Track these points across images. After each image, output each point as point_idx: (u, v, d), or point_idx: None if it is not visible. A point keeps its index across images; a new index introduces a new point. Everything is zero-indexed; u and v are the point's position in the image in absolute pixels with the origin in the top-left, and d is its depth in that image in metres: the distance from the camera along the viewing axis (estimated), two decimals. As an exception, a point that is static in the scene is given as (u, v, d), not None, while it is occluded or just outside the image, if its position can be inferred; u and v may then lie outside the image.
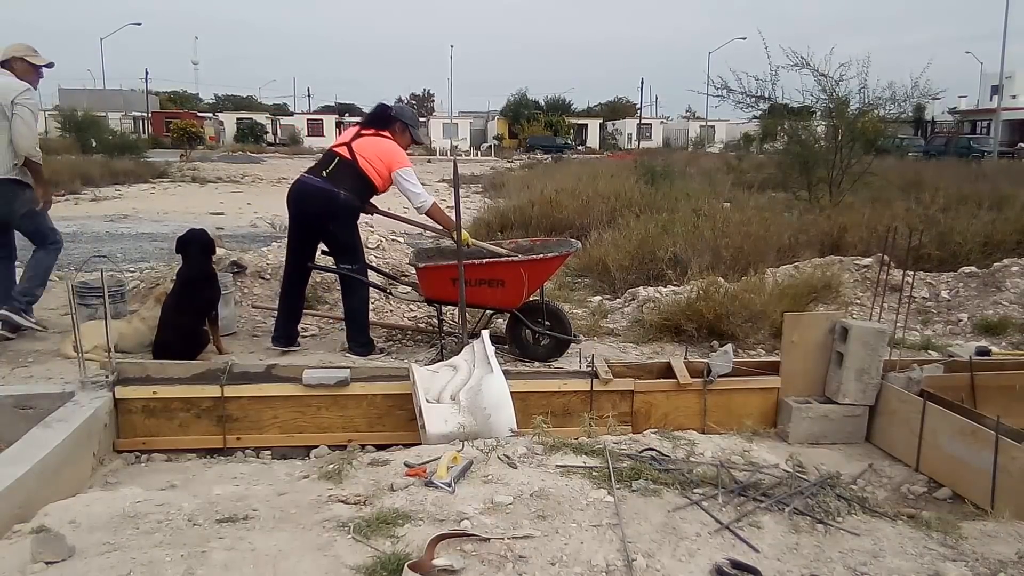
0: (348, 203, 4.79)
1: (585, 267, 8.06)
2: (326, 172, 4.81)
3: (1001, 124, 41.82)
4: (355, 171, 4.80)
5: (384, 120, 5.02)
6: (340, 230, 4.85)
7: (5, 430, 3.54)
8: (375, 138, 4.92)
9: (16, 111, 4.92)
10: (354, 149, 4.84)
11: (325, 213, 4.77)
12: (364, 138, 4.90)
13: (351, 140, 4.90)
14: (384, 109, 5.10)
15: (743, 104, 13.29)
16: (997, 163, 28.48)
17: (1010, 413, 3.53)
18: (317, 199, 4.77)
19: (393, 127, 5.01)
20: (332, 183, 4.75)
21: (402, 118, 5.05)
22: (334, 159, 4.84)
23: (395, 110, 5.10)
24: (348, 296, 4.99)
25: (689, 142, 54.91)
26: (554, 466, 2.89)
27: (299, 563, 2.19)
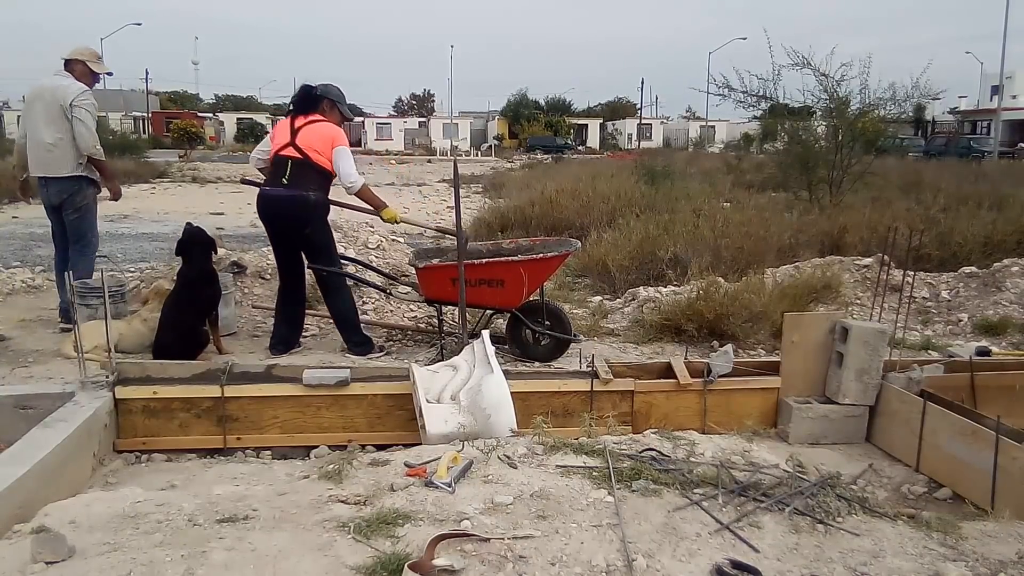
0: (319, 203, 4.78)
1: (585, 267, 8.06)
2: (286, 179, 4.72)
3: (1001, 124, 41.81)
4: (311, 167, 4.73)
5: (311, 101, 4.93)
6: (315, 232, 4.83)
7: (5, 430, 3.54)
8: (310, 125, 4.81)
9: (75, 113, 5.16)
10: (300, 146, 4.75)
11: (300, 219, 4.74)
12: (301, 130, 4.79)
13: (292, 138, 4.78)
14: (309, 90, 4.97)
15: (744, 103, 13.32)
16: (997, 163, 28.48)
17: (1010, 413, 3.53)
18: (289, 207, 4.72)
19: (321, 107, 4.92)
20: (297, 187, 4.70)
21: (328, 95, 4.96)
22: (287, 163, 4.74)
23: (320, 89, 4.97)
24: (332, 298, 4.98)
25: (689, 142, 54.89)
26: (554, 466, 2.89)
27: (299, 563, 2.19)
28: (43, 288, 6.68)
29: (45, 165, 5.25)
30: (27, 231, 11.94)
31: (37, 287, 6.67)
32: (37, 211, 15.00)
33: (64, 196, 5.28)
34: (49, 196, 5.31)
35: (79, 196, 5.31)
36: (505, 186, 18.69)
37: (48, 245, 10.54)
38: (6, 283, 6.57)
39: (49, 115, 5.19)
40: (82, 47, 5.51)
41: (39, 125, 5.22)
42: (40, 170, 5.27)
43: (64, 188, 5.26)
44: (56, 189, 5.26)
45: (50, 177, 5.24)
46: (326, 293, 5.02)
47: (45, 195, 5.34)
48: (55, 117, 5.18)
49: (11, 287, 6.52)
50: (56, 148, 5.21)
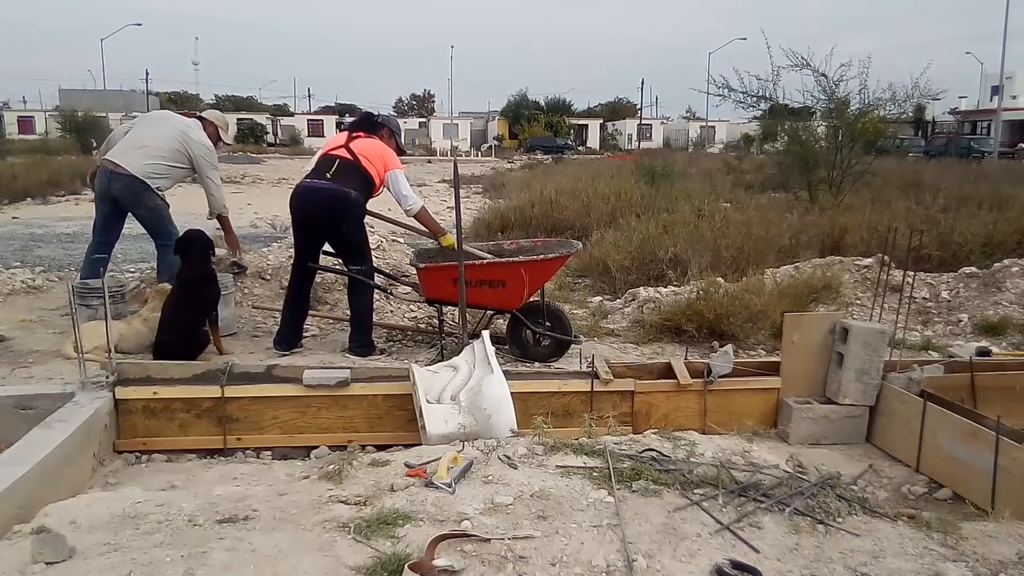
0: (358, 202, 4.80)
1: (585, 267, 8.06)
2: (330, 174, 4.79)
3: (1001, 124, 41.79)
4: (358, 170, 4.81)
5: (373, 125, 5.13)
6: (351, 230, 4.85)
7: (5, 430, 3.54)
8: (369, 139, 4.98)
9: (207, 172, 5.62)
10: (353, 149, 4.87)
11: (336, 214, 4.76)
12: (359, 139, 4.95)
13: (347, 142, 4.92)
14: (371, 116, 5.24)
15: (744, 104, 13.32)
16: (997, 163, 28.46)
17: (1010, 413, 3.53)
18: (327, 201, 4.76)
19: (381, 133, 5.10)
20: (340, 183, 4.75)
21: (388, 125, 5.20)
22: (335, 161, 4.83)
23: (382, 118, 5.25)
24: (355, 297, 4.99)
25: (689, 142, 54.87)
26: (554, 466, 2.89)
27: (299, 563, 2.19)
28: (43, 288, 6.68)
29: (126, 155, 5.38)
30: (27, 231, 11.96)
31: (37, 287, 6.67)
32: (37, 211, 15.09)
33: (127, 194, 5.41)
34: (111, 188, 5.40)
35: (145, 196, 5.43)
36: (505, 186, 18.68)
37: (48, 245, 10.61)
38: (6, 283, 6.57)
39: (167, 135, 5.49)
40: (219, 113, 6.13)
41: (150, 131, 5.54)
42: (120, 158, 5.37)
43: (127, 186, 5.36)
44: (122, 184, 5.35)
45: (126, 172, 5.32)
46: (352, 290, 5.03)
47: (107, 185, 5.41)
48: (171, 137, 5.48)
49: (11, 287, 6.52)
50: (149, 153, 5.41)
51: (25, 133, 50.23)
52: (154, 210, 5.52)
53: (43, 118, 53.32)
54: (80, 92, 56.47)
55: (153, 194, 5.46)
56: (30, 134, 48.56)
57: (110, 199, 5.47)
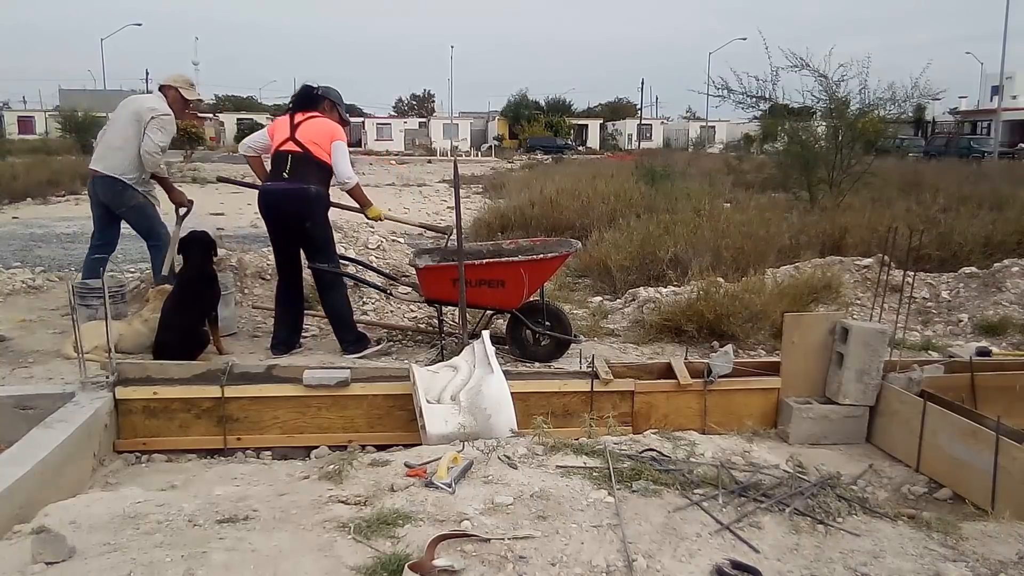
0: (320, 197, 4.79)
1: (585, 267, 8.06)
2: (286, 173, 4.75)
3: (1001, 124, 41.80)
4: (311, 161, 4.76)
5: (312, 100, 4.99)
6: (315, 227, 4.83)
7: (5, 430, 3.54)
8: (310, 120, 4.86)
9: (149, 127, 5.34)
10: (299, 140, 4.78)
11: (301, 213, 4.75)
12: (301, 125, 4.83)
13: (292, 133, 4.81)
14: (309, 89, 5.04)
15: (743, 104, 13.32)
16: (997, 163, 28.46)
17: (1010, 413, 3.53)
18: (289, 201, 4.74)
19: (322, 106, 4.99)
20: (298, 181, 4.72)
21: (328, 96, 5.04)
22: (287, 158, 4.76)
23: (321, 89, 5.04)
24: (327, 295, 4.98)
25: (689, 142, 54.87)
26: (554, 467, 2.89)
27: (299, 563, 2.19)
28: (43, 288, 6.68)
29: (102, 160, 5.44)
30: (27, 231, 11.96)
31: (37, 287, 6.67)
32: (37, 211, 15.10)
33: (108, 195, 5.45)
34: (96, 192, 5.49)
35: (124, 196, 5.43)
36: (505, 186, 18.67)
37: (48, 245, 10.62)
38: (6, 283, 6.57)
39: (126, 120, 5.41)
40: (176, 74, 5.76)
41: (114, 125, 5.52)
42: (97, 164, 5.44)
43: (106, 186, 5.41)
44: (102, 187, 5.43)
45: (102, 174, 5.40)
46: (322, 290, 5.03)
47: (93, 190, 5.51)
48: (130, 123, 5.38)
49: (11, 287, 6.52)
50: (120, 151, 5.40)
51: (25, 133, 50.27)
52: (137, 209, 5.49)
53: (43, 118, 53.34)
54: (80, 92, 56.45)
55: (133, 192, 5.41)
56: (30, 134, 48.62)
57: (99, 203, 5.52)
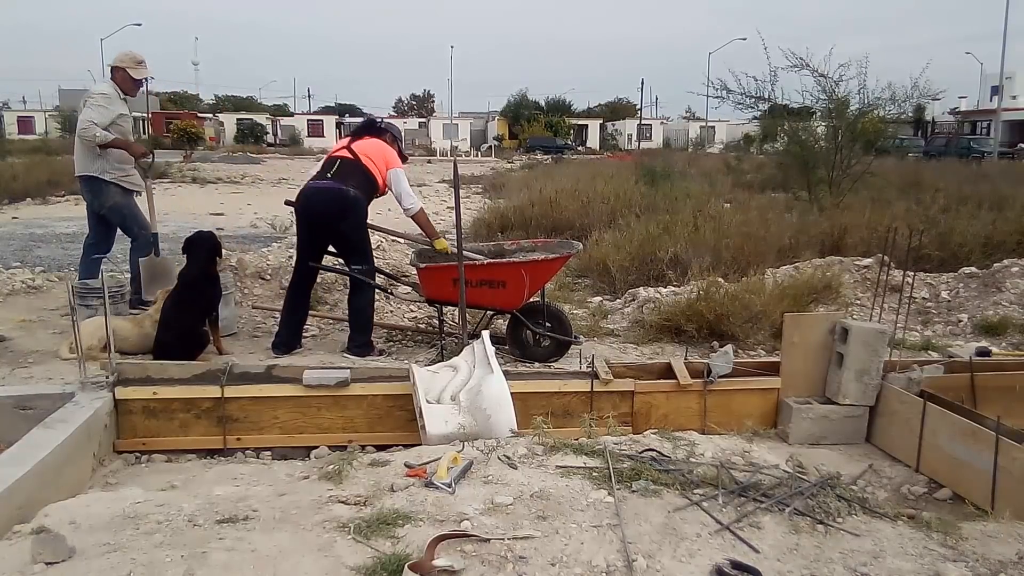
0: (357, 200, 4.82)
1: (585, 268, 8.06)
2: (330, 174, 4.86)
3: (1001, 124, 41.78)
4: (359, 169, 4.86)
5: (376, 129, 5.23)
6: (351, 229, 4.87)
7: (5, 430, 3.54)
8: (371, 140, 5.05)
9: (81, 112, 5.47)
10: (355, 149, 4.94)
11: (335, 212, 4.79)
12: (362, 140, 5.03)
13: (349, 144, 5.01)
14: (373, 122, 5.38)
15: (743, 105, 13.31)
16: (997, 163, 28.46)
17: (1010, 414, 3.53)
18: (326, 199, 4.81)
19: (384, 137, 5.16)
20: (339, 181, 4.81)
21: (391, 131, 5.29)
22: (336, 162, 4.92)
23: (384, 124, 5.35)
24: (356, 295, 5.00)
25: (689, 143, 54.86)
26: (554, 467, 2.89)
27: (299, 564, 2.19)
28: (43, 288, 6.67)
29: (76, 162, 5.58)
30: (27, 231, 11.96)
31: (37, 287, 6.67)
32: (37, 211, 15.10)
33: (88, 196, 5.56)
34: (81, 194, 5.69)
35: (100, 196, 5.51)
36: (505, 186, 18.68)
37: (48, 245, 10.61)
38: (6, 283, 6.56)
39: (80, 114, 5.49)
40: (122, 53, 5.71)
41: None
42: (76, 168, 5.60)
43: (85, 188, 5.54)
44: (83, 188, 5.58)
45: (79, 176, 5.56)
46: (353, 289, 5.05)
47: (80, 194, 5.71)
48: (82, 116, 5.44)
49: (11, 287, 6.51)
50: (77, 149, 5.55)
51: (25, 133, 50.26)
52: (113, 209, 5.55)
53: (43, 118, 53.37)
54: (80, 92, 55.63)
55: (106, 187, 5.46)
56: (30, 134, 48.61)
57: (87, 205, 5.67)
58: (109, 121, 5.41)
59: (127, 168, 5.58)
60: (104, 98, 5.45)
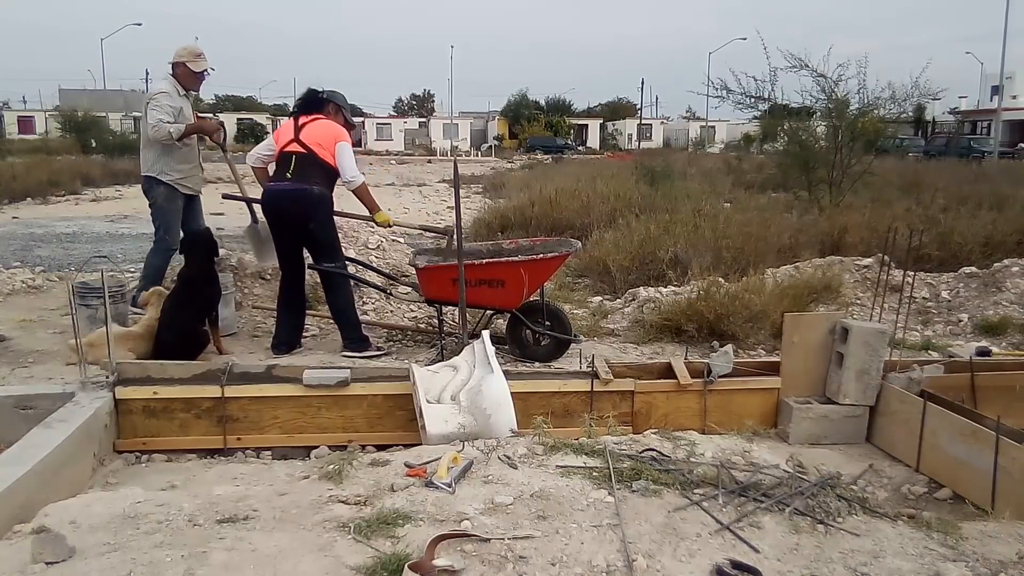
0: (322, 197, 4.77)
1: (585, 267, 8.05)
2: (289, 173, 4.76)
3: (1001, 124, 41.75)
4: (315, 161, 4.76)
5: (316, 103, 5.01)
6: (319, 228, 4.82)
7: (5, 430, 3.54)
8: (315, 122, 4.87)
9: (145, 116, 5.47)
10: (303, 141, 4.79)
11: (302, 213, 4.74)
12: (306, 127, 4.85)
13: (296, 135, 4.83)
14: (314, 92, 5.07)
15: (743, 104, 13.30)
16: (997, 163, 28.45)
17: (1010, 413, 3.53)
18: (291, 201, 4.74)
19: (326, 109, 5.00)
20: (300, 181, 4.72)
21: (334, 100, 5.05)
22: (291, 159, 4.78)
23: (326, 93, 5.07)
24: (333, 295, 4.97)
25: (689, 142, 54.84)
26: (554, 466, 2.89)
27: (299, 563, 2.19)
28: (43, 288, 6.67)
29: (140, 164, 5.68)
30: (27, 231, 11.96)
31: (37, 287, 6.66)
32: (37, 211, 15.11)
33: (145, 192, 5.63)
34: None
35: (150, 195, 5.59)
36: (505, 186, 18.68)
37: (48, 245, 10.62)
38: (6, 283, 6.56)
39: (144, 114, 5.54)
40: (180, 48, 5.67)
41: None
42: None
43: (144, 186, 5.62)
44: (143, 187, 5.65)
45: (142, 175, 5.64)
46: (327, 289, 5.02)
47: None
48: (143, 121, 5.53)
49: (11, 287, 6.51)
50: (142, 149, 5.64)
51: (25, 133, 50.30)
52: (154, 207, 5.60)
53: (43, 118, 53.33)
54: (80, 92, 56.53)
55: (157, 186, 5.51)
56: (30, 134, 48.64)
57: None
58: (175, 118, 5.42)
59: (186, 169, 5.58)
60: (164, 96, 5.45)
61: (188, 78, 5.58)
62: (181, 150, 5.53)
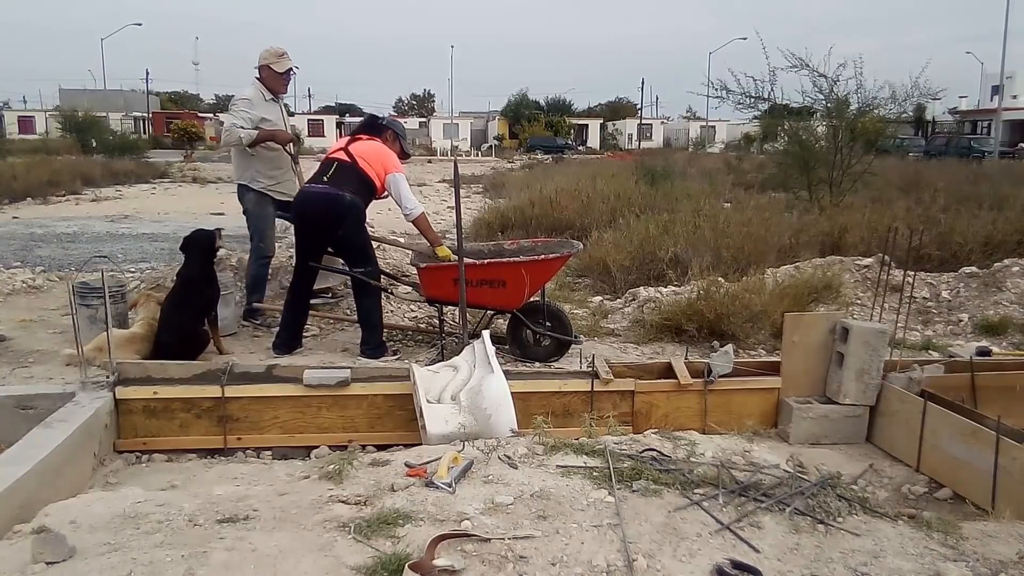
0: (354, 204, 4.78)
1: (586, 267, 8.05)
2: (327, 177, 4.80)
3: (1002, 124, 41.75)
4: (355, 172, 4.81)
5: (376, 128, 5.13)
6: (350, 233, 4.83)
7: (6, 430, 3.54)
8: (370, 141, 4.98)
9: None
10: (351, 151, 4.87)
11: (332, 218, 4.75)
12: (359, 142, 4.96)
13: (347, 145, 4.94)
14: (374, 118, 5.23)
15: (742, 105, 13.30)
16: (998, 163, 28.44)
17: (1010, 413, 3.53)
18: (322, 204, 4.75)
19: (384, 135, 5.09)
20: (335, 186, 4.75)
21: (393, 128, 5.17)
22: (332, 164, 4.85)
23: (386, 120, 5.21)
24: (362, 297, 4.96)
25: (690, 142, 54.84)
26: (555, 466, 2.89)
27: (300, 563, 2.19)
28: (43, 288, 6.67)
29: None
30: (27, 231, 11.95)
31: (37, 287, 6.67)
32: (37, 211, 15.12)
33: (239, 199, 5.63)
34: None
35: (242, 201, 5.60)
36: (505, 186, 18.66)
37: (48, 245, 10.61)
38: (6, 283, 6.57)
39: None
40: (263, 51, 5.54)
41: None
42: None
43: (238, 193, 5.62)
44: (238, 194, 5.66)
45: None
46: (358, 294, 5.01)
47: None
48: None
49: (11, 287, 6.52)
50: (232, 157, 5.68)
51: (25, 133, 50.30)
52: (248, 214, 5.60)
53: (43, 118, 53.37)
54: (80, 92, 56.55)
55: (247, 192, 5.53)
56: (30, 134, 48.63)
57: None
58: (252, 125, 5.36)
59: (278, 176, 5.54)
60: (244, 102, 5.39)
61: (273, 80, 5.51)
62: (270, 157, 5.48)
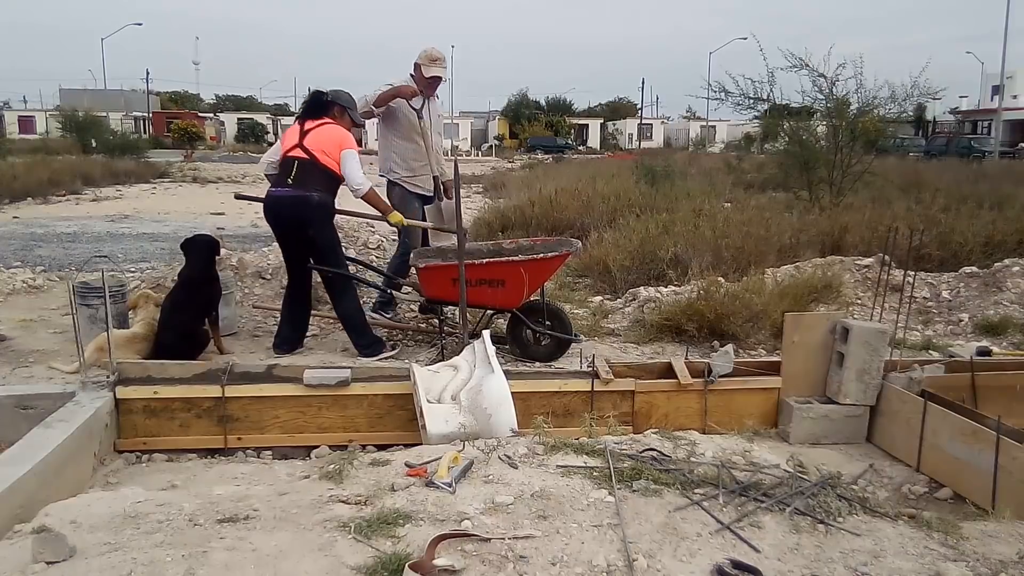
0: (322, 203, 4.75)
1: (586, 267, 8.04)
2: (291, 179, 4.72)
3: (1002, 124, 41.75)
4: (317, 169, 4.72)
5: (321, 106, 4.95)
6: (318, 234, 4.80)
7: (6, 430, 3.54)
8: (320, 128, 4.82)
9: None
10: (307, 147, 4.75)
11: (302, 219, 4.72)
12: (310, 132, 4.80)
13: (300, 140, 4.79)
14: (319, 95, 5.02)
15: (742, 106, 13.30)
16: (998, 163, 28.44)
17: (1011, 413, 3.53)
18: (291, 207, 4.72)
19: (331, 112, 4.94)
20: (301, 187, 4.70)
21: (339, 101, 4.99)
22: (293, 164, 4.74)
23: (330, 94, 5.02)
24: (339, 300, 4.95)
25: (690, 142, 54.86)
26: (555, 466, 2.89)
27: (300, 563, 2.19)
28: (44, 288, 6.68)
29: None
30: (27, 231, 11.95)
31: (38, 287, 6.67)
32: (37, 211, 15.12)
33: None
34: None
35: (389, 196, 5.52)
36: (505, 186, 18.63)
37: (48, 245, 10.61)
38: (6, 283, 6.57)
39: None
40: (422, 51, 5.48)
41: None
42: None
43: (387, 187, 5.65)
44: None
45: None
46: (332, 295, 5.00)
47: None
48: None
49: (12, 287, 6.52)
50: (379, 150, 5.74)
51: (26, 133, 50.35)
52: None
53: (44, 118, 53.41)
54: (80, 92, 56.58)
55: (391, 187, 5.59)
56: (31, 134, 48.69)
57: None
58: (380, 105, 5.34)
59: (416, 168, 5.50)
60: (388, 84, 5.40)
61: (420, 80, 5.48)
62: (408, 149, 5.43)
